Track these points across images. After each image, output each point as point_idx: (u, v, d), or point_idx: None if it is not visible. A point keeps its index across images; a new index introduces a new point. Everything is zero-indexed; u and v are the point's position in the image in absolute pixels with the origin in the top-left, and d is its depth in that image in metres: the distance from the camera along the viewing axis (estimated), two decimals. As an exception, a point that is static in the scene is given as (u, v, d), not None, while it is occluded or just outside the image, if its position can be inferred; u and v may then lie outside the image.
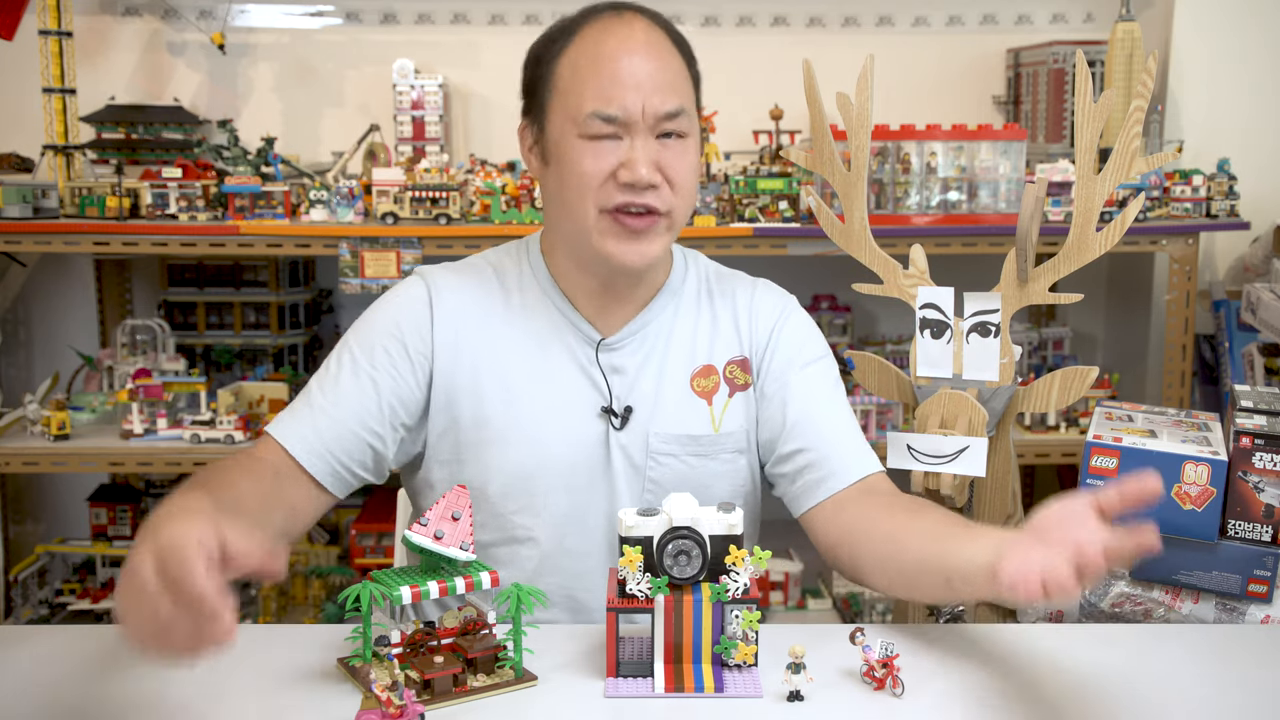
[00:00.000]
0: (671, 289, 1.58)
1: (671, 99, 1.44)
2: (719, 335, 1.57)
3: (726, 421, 1.55)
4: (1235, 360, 2.88)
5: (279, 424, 1.46)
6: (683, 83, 1.48)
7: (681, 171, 1.45)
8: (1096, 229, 1.68)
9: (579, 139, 1.44)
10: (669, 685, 1.20)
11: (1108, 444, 1.49)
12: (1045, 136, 3.05)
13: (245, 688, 1.22)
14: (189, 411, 2.85)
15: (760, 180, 2.72)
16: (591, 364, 1.53)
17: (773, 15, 3.23)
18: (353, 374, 1.48)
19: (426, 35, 3.20)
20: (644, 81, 1.42)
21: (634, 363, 1.53)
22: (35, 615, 2.96)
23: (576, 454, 1.51)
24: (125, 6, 3.14)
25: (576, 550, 1.52)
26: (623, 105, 1.41)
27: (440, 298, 1.53)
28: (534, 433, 1.50)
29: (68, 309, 3.25)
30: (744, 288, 1.62)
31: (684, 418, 1.53)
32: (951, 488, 1.65)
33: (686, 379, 1.55)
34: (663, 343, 1.55)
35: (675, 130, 1.45)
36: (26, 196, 2.71)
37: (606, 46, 1.44)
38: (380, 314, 1.53)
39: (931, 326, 1.69)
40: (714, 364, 1.56)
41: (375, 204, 2.73)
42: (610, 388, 1.52)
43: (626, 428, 1.52)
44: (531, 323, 1.54)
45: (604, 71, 1.43)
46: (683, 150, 1.46)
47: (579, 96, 1.43)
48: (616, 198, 1.43)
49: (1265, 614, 1.48)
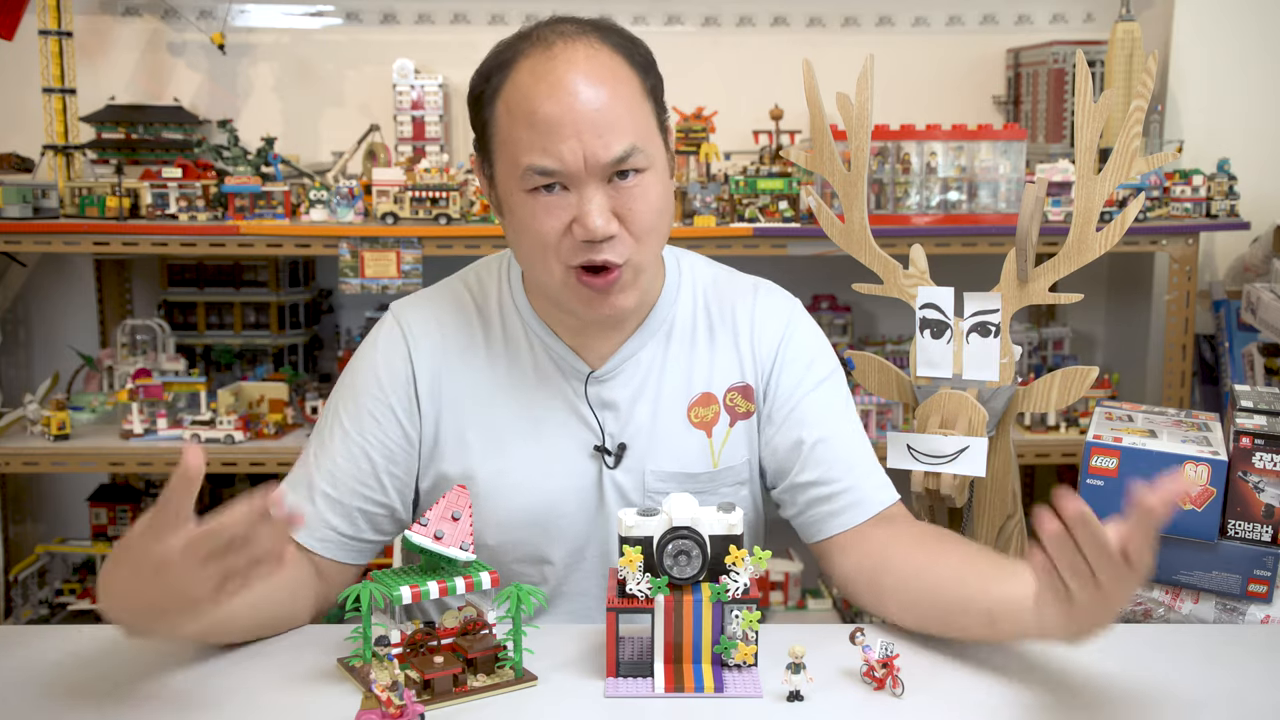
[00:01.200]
0: (661, 313, 1.48)
1: (617, 141, 1.29)
2: (718, 360, 1.49)
3: (726, 455, 1.48)
4: (1235, 360, 2.88)
5: None
6: (632, 113, 1.32)
7: (640, 213, 1.32)
8: (1096, 229, 1.68)
9: (525, 194, 1.32)
10: (669, 685, 1.20)
11: (1108, 444, 1.49)
12: (1045, 136, 3.05)
13: (245, 688, 1.22)
14: (189, 411, 2.85)
15: (760, 180, 2.72)
16: (580, 400, 1.45)
17: (773, 15, 3.23)
18: (345, 449, 1.43)
19: (426, 35, 3.20)
20: (583, 126, 1.28)
21: (625, 395, 1.45)
22: (35, 615, 2.96)
23: (570, 499, 1.45)
24: (125, 6, 3.14)
25: (577, 591, 1.49)
26: (560, 158, 1.28)
27: (417, 343, 1.45)
28: (525, 483, 1.44)
29: (68, 309, 3.25)
30: (744, 301, 1.52)
31: (681, 454, 1.46)
32: (951, 488, 1.65)
33: (683, 410, 1.46)
34: (656, 372, 1.47)
35: (630, 168, 1.31)
36: (26, 196, 2.71)
37: (540, 91, 1.29)
38: (361, 373, 1.46)
39: (931, 326, 1.69)
40: (713, 392, 1.47)
41: (375, 204, 2.73)
42: (602, 425, 1.45)
43: (621, 465, 1.45)
44: (515, 359, 1.46)
45: (538, 121, 1.28)
46: (642, 190, 1.32)
47: (515, 149, 1.31)
48: (576, 256, 1.32)
49: (1265, 614, 1.48)
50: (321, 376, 3.28)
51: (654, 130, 1.37)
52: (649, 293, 1.46)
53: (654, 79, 1.39)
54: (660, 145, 1.38)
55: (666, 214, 1.39)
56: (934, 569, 1.34)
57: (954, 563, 1.34)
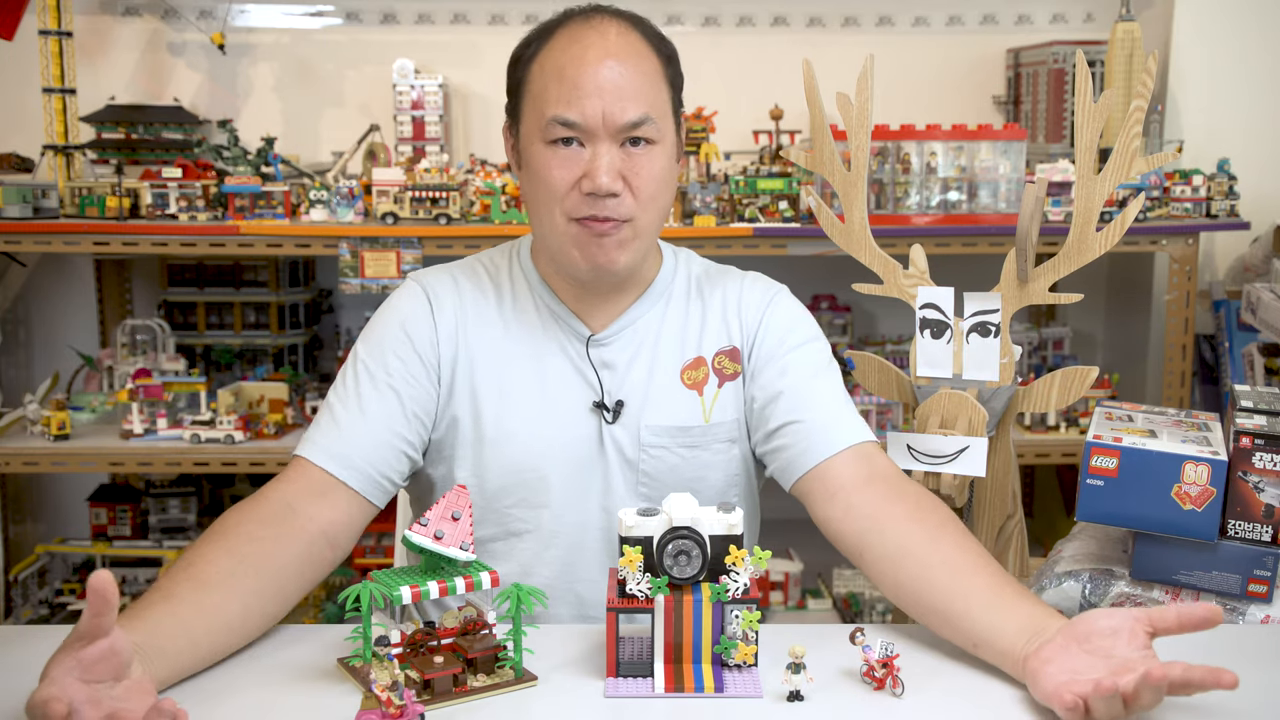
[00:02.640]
0: (660, 286, 1.59)
1: (634, 107, 1.43)
2: (708, 327, 1.58)
3: (717, 412, 1.55)
4: (1235, 360, 2.88)
5: (308, 445, 1.45)
6: (652, 88, 1.46)
7: (645, 179, 1.45)
8: (1096, 229, 1.68)
9: (544, 145, 1.45)
10: (669, 685, 1.20)
11: (1108, 444, 1.49)
12: (1045, 136, 3.05)
13: (245, 687, 1.22)
14: (189, 411, 2.85)
15: (760, 180, 2.72)
16: (582, 359, 1.54)
17: (773, 15, 3.23)
18: (372, 386, 1.48)
19: (426, 35, 3.20)
20: (606, 88, 1.42)
21: (624, 358, 1.55)
22: (35, 615, 2.97)
23: (571, 448, 1.52)
24: (125, 6, 3.15)
25: (573, 542, 1.53)
26: (581, 112, 1.42)
27: (438, 300, 1.54)
28: (529, 429, 1.52)
29: (68, 309, 3.25)
30: (733, 280, 1.62)
31: (674, 410, 1.54)
32: (951, 488, 1.65)
33: (677, 372, 1.55)
34: (652, 338, 1.56)
35: (643, 137, 1.44)
36: (26, 196, 2.71)
37: (572, 51, 1.44)
38: (385, 323, 1.54)
39: (931, 326, 1.69)
40: (703, 355, 1.56)
41: (375, 204, 2.73)
42: (601, 382, 1.53)
43: (619, 421, 1.53)
44: (523, 321, 1.55)
45: (567, 77, 1.43)
46: (649, 158, 1.45)
47: (543, 101, 1.44)
48: (582, 208, 1.44)
49: (1265, 614, 1.48)
50: (321, 376, 3.28)
51: (668, 113, 1.49)
52: (646, 269, 1.57)
53: (675, 72, 1.52)
54: (672, 129, 1.50)
55: (667, 188, 1.50)
56: (928, 567, 1.33)
57: (950, 568, 1.33)
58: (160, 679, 1.15)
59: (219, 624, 1.25)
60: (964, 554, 1.34)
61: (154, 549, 3.02)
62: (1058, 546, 1.71)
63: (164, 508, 3.08)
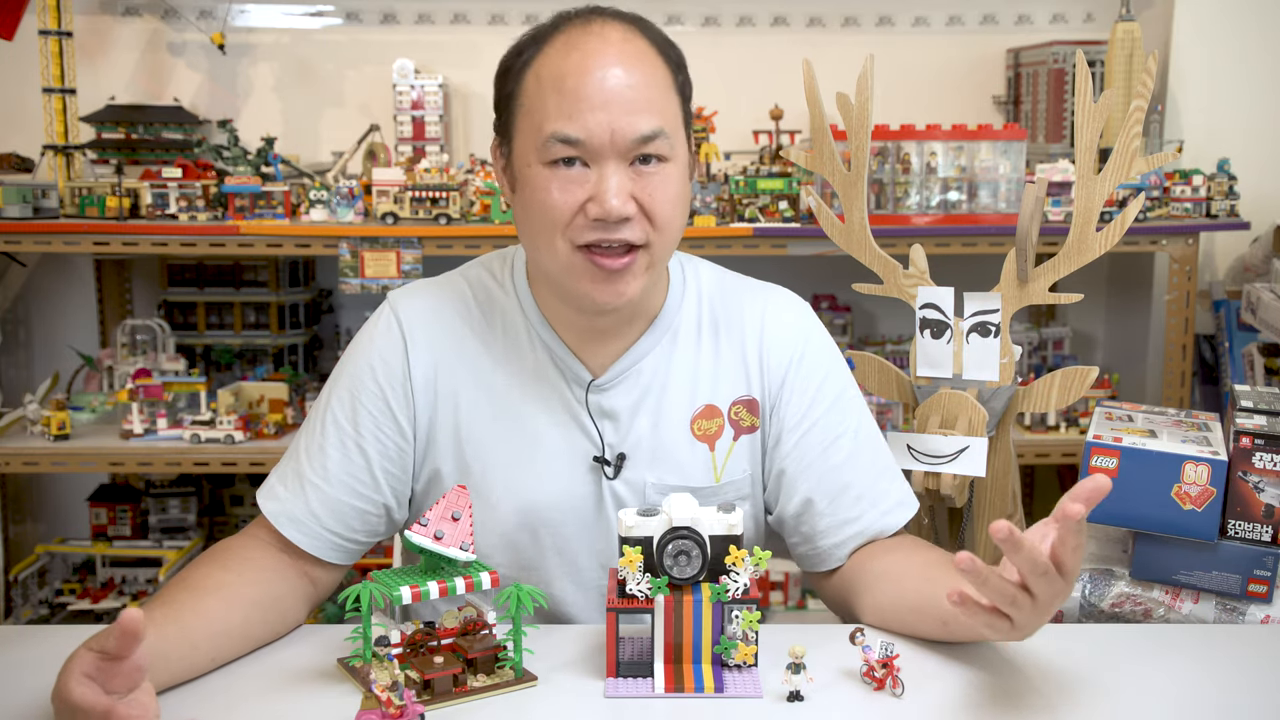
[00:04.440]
0: (666, 319, 1.43)
1: (646, 120, 1.27)
2: (723, 372, 1.43)
3: (730, 469, 1.43)
4: (1235, 360, 2.88)
5: (273, 502, 1.37)
6: (663, 98, 1.30)
7: (661, 202, 1.29)
8: (1096, 229, 1.68)
9: (543, 166, 1.28)
10: (669, 685, 1.20)
11: (1108, 444, 1.49)
12: (1045, 136, 3.05)
13: (245, 687, 1.22)
14: (189, 411, 2.85)
15: (760, 180, 2.72)
16: (580, 407, 1.40)
17: (773, 15, 3.23)
18: (339, 445, 1.38)
19: (426, 35, 3.20)
20: (613, 100, 1.26)
21: (626, 405, 1.41)
22: (35, 615, 2.96)
23: (566, 508, 1.41)
24: (125, 6, 3.14)
25: (569, 599, 1.45)
26: (586, 127, 1.25)
27: (414, 337, 1.41)
28: (520, 489, 1.40)
29: (68, 309, 3.25)
30: (753, 311, 1.46)
31: (683, 467, 1.41)
32: (951, 488, 1.65)
33: (686, 422, 1.41)
34: (659, 381, 1.42)
35: (654, 154, 1.29)
36: (26, 196, 2.71)
37: (572, 60, 1.27)
38: (356, 366, 1.41)
39: (931, 326, 1.69)
40: (717, 404, 1.42)
41: (375, 204, 2.73)
42: (601, 435, 1.40)
43: (620, 476, 1.41)
44: (515, 358, 1.41)
45: (567, 88, 1.26)
46: (663, 178, 1.29)
47: (541, 116, 1.28)
48: (587, 235, 1.28)
49: (1265, 614, 1.48)
50: (321, 376, 3.28)
51: (680, 125, 1.34)
52: (653, 297, 1.42)
53: (684, 79, 1.37)
54: (684, 143, 1.35)
55: (683, 211, 1.35)
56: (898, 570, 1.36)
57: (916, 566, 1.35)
58: (158, 683, 1.13)
59: (219, 629, 1.24)
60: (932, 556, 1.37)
61: (154, 549, 3.02)
62: (1058, 546, 1.71)
63: (164, 508, 3.08)
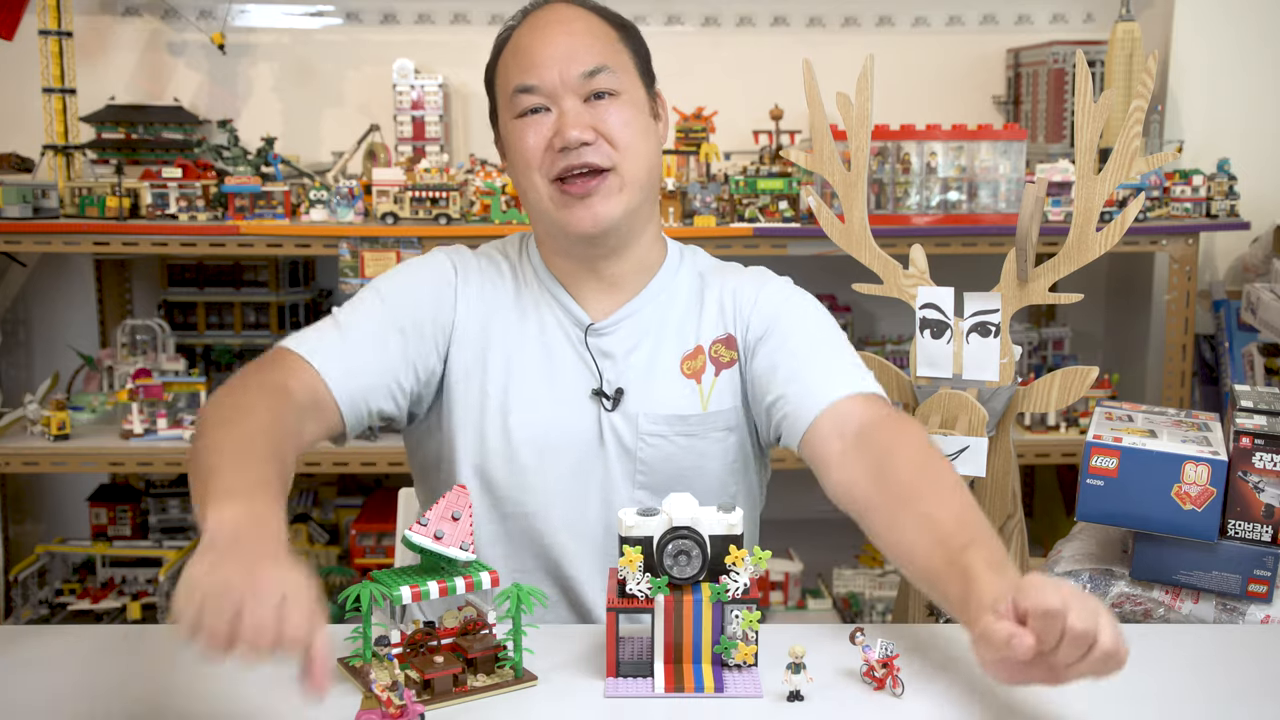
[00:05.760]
0: (663, 280, 1.59)
1: (588, 58, 1.48)
2: (705, 318, 1.58)
3: (714, 400, 1.55)
4: (1235, 360, 2.88)
5: (309, 346, 1.44)
6: (605, 45, 1.51)
7: (615, 125, 1.48)
8: (1096, 229, 1.68)
9: (515, 120, 1.50)
10: (669, 685, 1.20)
11: (1108, 444, 1.49)
12: (1045, 136, 3.06)
13: (245, 687, 1.22)
14: (189, 411, 2.85)
15: (760, 180, 2.72)
16: (582, 346, 1.55)
17: (773, 15, 3.23)
18: (380, 323, 1.50)
19: (426, 35, 3.20)
20: (559, 50, 1.48)
21: (623, 348, 1.55)
22: (35, 615, 2.96)
23: (571, 433, 1.53)
24: (125, 6, 3.15)
25: (568, 527, 1.53)
26: (539, 74, 1.48)
27: (465, 278, 1.58)
28: (531, 410, 1.53)
29: (68, 309, 3.25)
30: (732, 273, 1.63)
31: (672, 399, 1.54)
32: (951, 488, 1.65)
33: (677, 363, 1.56)
34: (654, 329, 1.57)
35: (605, 89, 1.48)
36: (26, 196, 2.71)
37: (527, 32, 1.52)
38: (411, 280, 1.56)
39: (931, 326, 1.69)
40: (701, 344, 1.57)
41: (375, 204, 2.73)
42: (600, 371, 1.54)
43: (618, 409, 1.53)
44: (530, 307, 1.58)
45: (522, 48, 1.50)
46: (616, 106, 1.49)
47: (506, 79, 1.52)
48: (558, 164, 1.47)
49: (1265, 614, 1.48)
50: (321, 376, 3.27)
51: (630, 70, 1.53)
52: (649, 258, 1.58)
53: (635, 40, 1.56)
54: (640, 88, 1.53)
55: (645, 139, 1.52)
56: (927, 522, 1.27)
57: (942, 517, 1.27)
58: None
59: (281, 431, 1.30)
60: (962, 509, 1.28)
61: (154, 549, 3.02)
62: (1057, 546, 1.71)
63: (164, 508, 3.09)
